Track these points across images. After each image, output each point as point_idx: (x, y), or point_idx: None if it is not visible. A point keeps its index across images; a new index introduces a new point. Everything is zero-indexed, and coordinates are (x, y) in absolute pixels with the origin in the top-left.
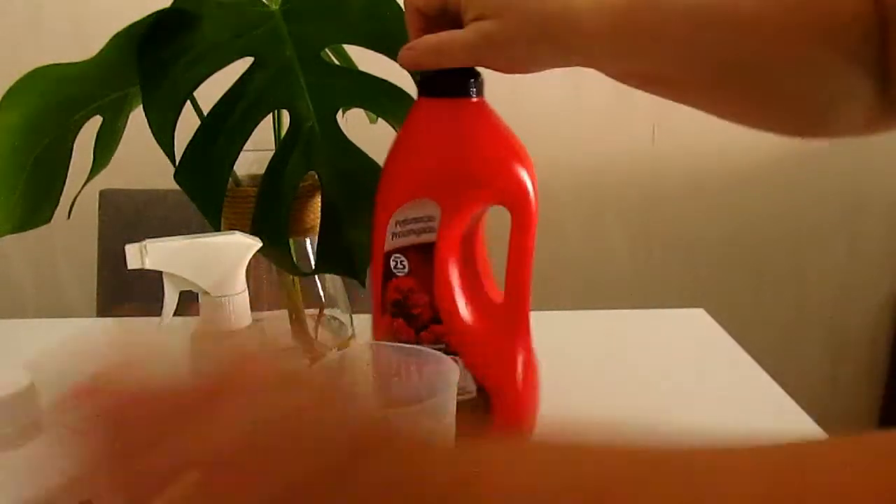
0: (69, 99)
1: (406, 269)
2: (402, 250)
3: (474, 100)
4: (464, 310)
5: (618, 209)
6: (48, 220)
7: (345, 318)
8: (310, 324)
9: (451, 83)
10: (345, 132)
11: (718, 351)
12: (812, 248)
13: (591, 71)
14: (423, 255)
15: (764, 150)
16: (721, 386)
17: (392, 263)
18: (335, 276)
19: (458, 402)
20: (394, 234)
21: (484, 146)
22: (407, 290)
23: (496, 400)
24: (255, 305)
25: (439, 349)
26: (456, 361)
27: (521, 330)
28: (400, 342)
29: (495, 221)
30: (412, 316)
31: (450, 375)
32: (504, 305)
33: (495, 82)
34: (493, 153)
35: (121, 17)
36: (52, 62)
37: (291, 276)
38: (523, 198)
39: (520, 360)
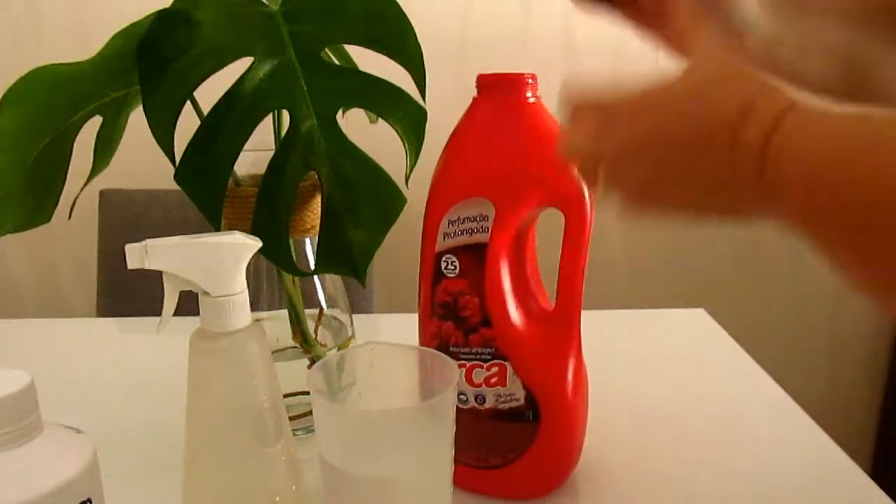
0: (69, 99)
1: (457, 271)
2: (454, 251)
3: (532, 100)
4: (514, 313)
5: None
6: (48, 220)
7: (345, 318)
8: (310, 324)
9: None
10: (345, 132)
11: (718, 351)
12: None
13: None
14: (475, 256)
15: None
16: (721, 385)
17: (443, 264)
18: (335, 276)
19: (505, 409)
20: (445, 235)
21: (542, 146)
22: (457, 291)
23: (545, 408)
24: (255, 305)
25: (488, 353)
26: (505, 367)
27: (572, 336)
28: (448, 346)
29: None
30: (461, 318)
31: (450, 375)
32: (555, 310)
33: None
34: (550, 154)
35: (121, 17)
36: (52, 62)
37: (291, 276)
38: (578, 200)
39: (570, 367)
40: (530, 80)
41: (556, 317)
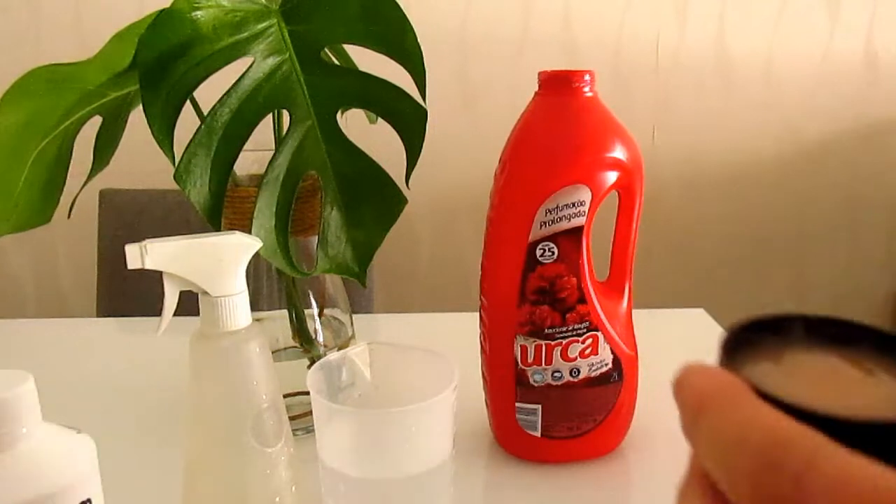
0: (69, 99)
1: (555, 256)
2: (552, 237)
3: (589, 94)
4: (598, 288)
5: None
6: (48, 220)
7: (345, 318)
8: (310, 324)
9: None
10: (345, 132)
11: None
12: (812, 248)
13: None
14: (573, 240)
15: (764, 150)
16: None
17: (538, 252)
18: (335, 276)
19: (596, 376)
20: (542, 224)
21: (619, 134)
22: (554, 275)
23: (626, 366)
24: (255, 305)
25: (583, 327)
26: (597, 336)
27: (628, 298)
28: (543, 329)
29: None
30: (559, 300)
31: (449, 375)
32: (611, 277)
33: (496, 84)
34: (627, 140)
35: (121, 16)
36: (52, 62)
37: (291, 276)
38: (639, 177)
39: (632, 325)
40: (587, 77)
41: (614, 283)
